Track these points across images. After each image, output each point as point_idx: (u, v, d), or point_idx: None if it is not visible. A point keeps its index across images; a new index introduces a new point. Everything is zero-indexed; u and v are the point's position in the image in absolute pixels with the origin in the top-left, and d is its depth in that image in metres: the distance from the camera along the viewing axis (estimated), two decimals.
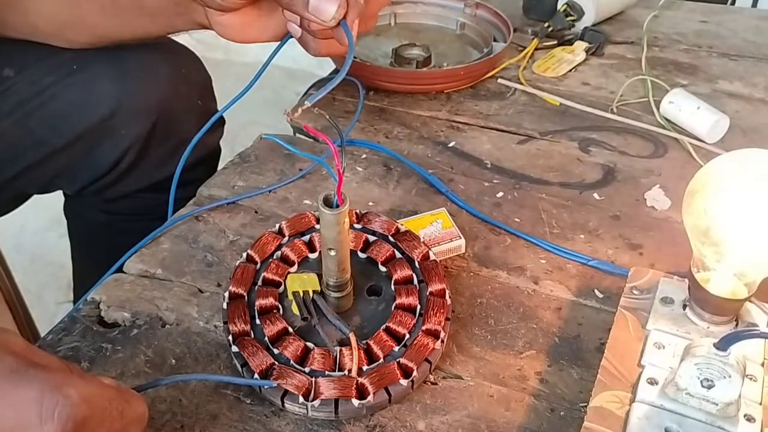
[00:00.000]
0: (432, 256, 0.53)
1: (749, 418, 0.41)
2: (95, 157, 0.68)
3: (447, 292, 0.50)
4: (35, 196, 0.76)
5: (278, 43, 0.55)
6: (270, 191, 0.65)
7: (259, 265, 0.52)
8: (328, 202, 0.43)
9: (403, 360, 0.46)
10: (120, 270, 0.56)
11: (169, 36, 0.64)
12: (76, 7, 0.58)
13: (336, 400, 0.44)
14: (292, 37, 0.53)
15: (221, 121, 0.77)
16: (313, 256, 0.53)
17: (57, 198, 0.79)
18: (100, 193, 0.72)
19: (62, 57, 0.63)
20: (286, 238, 0.54)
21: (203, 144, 0.66)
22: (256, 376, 0.44)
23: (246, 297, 0.50)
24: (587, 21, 0.90)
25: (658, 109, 0.74)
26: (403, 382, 0.45)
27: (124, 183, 0.71)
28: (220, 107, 0.62)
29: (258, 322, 0.48)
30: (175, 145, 0.67)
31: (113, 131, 0.66)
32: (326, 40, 0.51)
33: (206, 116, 0.61)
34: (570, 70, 0.84)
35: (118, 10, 0.57)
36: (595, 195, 0.65)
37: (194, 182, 0.65)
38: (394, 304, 0.49)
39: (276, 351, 0.46)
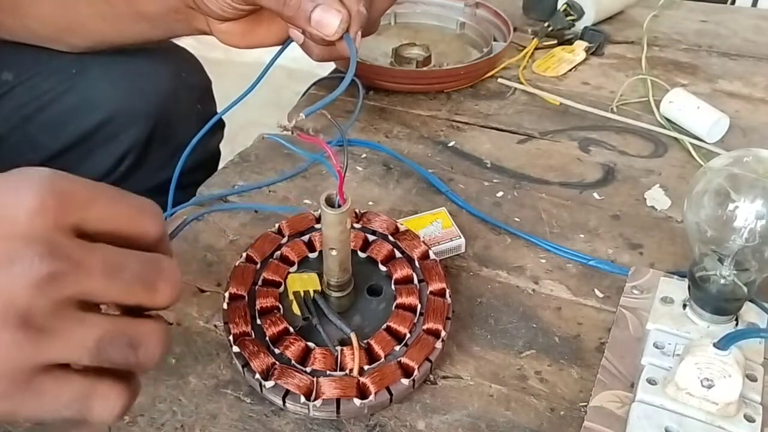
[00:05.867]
0: (432, 256, 0.53)
1: (749, 418, 0.41)
2: (94, 161, 0.68)
3: (447, 291, 0.50)
4: None
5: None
6: (269, 191, 0.65)
7: (258, 265, 0.52)
8: (330, 202, 0.43)
9: (404, 359, 0.46)
10: None
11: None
12: (74, 12, 0.58)
13: (337, 400, 0.44)
14: (293, 41, 0.53)
15: (221, 125, 0.77)
16: (313, 255, 0.53)
17: None
18: None
19: (61, 61, 0.63)
20: (286, 238, 0.54)
21: (203, 147, 0.66)
22: (257, 376, 0.44)
23: (246, 297, 0.50)
24: (587, 21, 0.90)
25: (658, 108, 0.74)
26: (405, 381, 0.45)
27: (123, 187, 0.70)
28: (220, 111, 0.62)
29: (258, 322, 0.48)
30: (174, 149, 0.67)
31: (112, 135, 0.66)
32: (329, 45, 0.51)
33: (206, 120, 0.61)
34: (570, 70, 0.84)
35: (117, 16, 0.57)
36: (595, 195, 0.65)
37: (194, 185, 0.65)
38: (394, 304, 0.49)
39: (277, 351, 0.46)
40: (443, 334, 0.47)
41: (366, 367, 0.45)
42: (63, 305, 0.28)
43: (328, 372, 0.45)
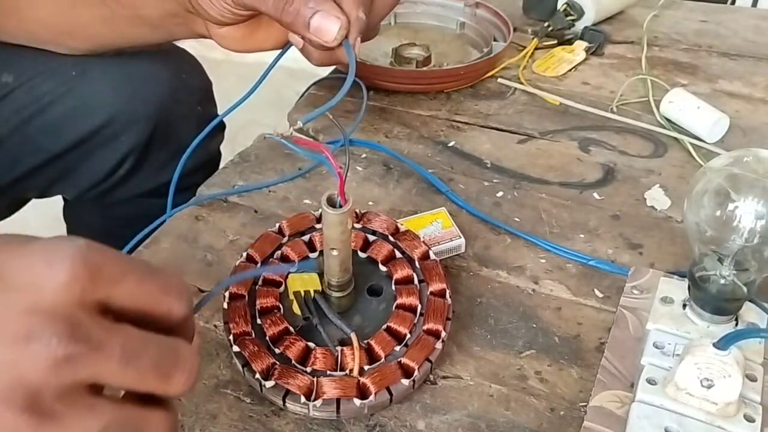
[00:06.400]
0: (432, 256, 0.53)
1: (749, 418, 0.41)
2: (94, 163, 0.68)
3: (447, 291, 0.50)
4: None
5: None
6: (269, 191, 0.65)
7: (259, 265, 0.52)
8: (331, 202, 0.43)
9: (404, 360, 0.46)
10: None
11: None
12: (74, 15, 0.57)
13: (338, 400, 0.44)
14: (293, 45, 0.53)
15: (221, 126, 0.77)
16: (313, 255, 0.53)
17: (57, 199, 0.79)
18: (99, 199, 0.72)
19: (61, 63, 0.63)
20: (286, 238, 0.54)
21: (203, 149, 0.66)
22: (257, 376, 0.44)
23: (246, 297, 0.50)
24: (587, 20, 0.90)
25: (658, 108, 0.74)
26: (405, 381, 0.45)
27: (123, 188, 0.71)
28: (220, 112, 0.62)
29: (259, 322, 0.48)
30: (174, 151, 0.67)
31: (112, 137, 0.66)
32: (328, 51, 0.51)
33: (206, 122, 0.61)
34: (570, 70, 0.84)
35: (117, 19, 0.57)
36: (595, 195, 0.65)
37: (194, 187, 0.65)
38: (394, 304, 0.49)
39: (277, 351, 0.46)
40: (443, 334, 0.47)
41: (366, 367, 0.45)
42: (73, 389, 0.27)
43: (328, 372, 0.45)
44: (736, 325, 0.47)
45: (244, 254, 0.52)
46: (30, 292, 0.27)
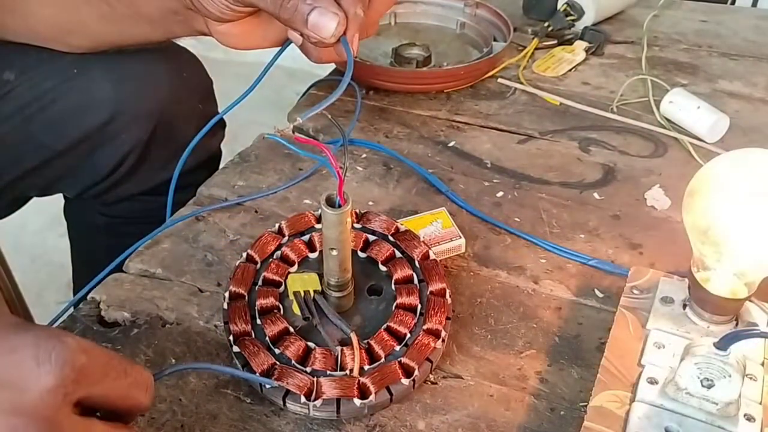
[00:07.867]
0: (432, 256, 0.53)
1: (749, 418, 0.41)
2: (95, 161, 0.68)
3: (447, 291, 0.50)
4: None
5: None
6: (269, 191, 0.64)
7: (259, 265, 0.52)
8: (330, 202, 0.43)
9: (404, 359, 0.46)
10: (120, 270, 0.56)
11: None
12: (75, 13, 0.58)
13: (338, 400, 0.44)
14: (292, 42, 0.53)
15: (222, 124, 0.77)
16: (313, 255, 0.53)
17: (57, 197, 0.79)
18: (100, 197, 0.72)
19: (62, 61, 0.63)
20: (286, 238, 0.54)
21: (204, 147, 0.65)
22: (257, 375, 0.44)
23: (246, 297, 0.50)
24: (587, 20, 0.90)
25: (658, 108, 0.74)
26: (405, 381, 0.45)
27: (124, 186, 0.71)
28: (220, 110, 0.62)
29: (259, 322, 0.48)
30: (175, 149, 0.67)
31: (113, 135, 0.66)
32: (327, 47, 0.51)
33: (207, 120, 0.61)
34: (570, 70, 0.84)
35: (117, 17, 0.57)
36: (595, 195, 0.65)
37: (194, 185, 0.65)
38: (394, 304, 0.49)
39: (277, 351, 0.46)
40: (443, 334, 0.47)
41: (366, 367, 0.45)
42: None
43: (328, 372, 0.45)
44: (736, 325, 0.47)
45: (244, 254, 0.52)
46: (15, 390, 0.30)
